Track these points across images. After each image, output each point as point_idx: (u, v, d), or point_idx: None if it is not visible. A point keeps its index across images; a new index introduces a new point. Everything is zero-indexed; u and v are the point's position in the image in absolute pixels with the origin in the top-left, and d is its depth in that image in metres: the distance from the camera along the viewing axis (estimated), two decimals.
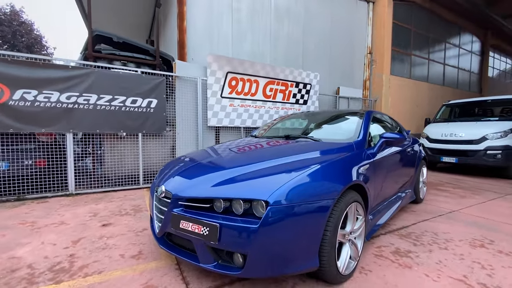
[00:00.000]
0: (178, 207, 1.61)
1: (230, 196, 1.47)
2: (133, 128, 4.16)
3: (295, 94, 6.07)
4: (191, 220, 1.49)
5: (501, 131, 5.92)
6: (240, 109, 5.25)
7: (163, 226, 1.67)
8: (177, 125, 4.63)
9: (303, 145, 2.17)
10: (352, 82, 7.73)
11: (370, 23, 7.94)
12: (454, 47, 10.56)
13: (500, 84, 13.66)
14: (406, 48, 8.71)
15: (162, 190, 1.73)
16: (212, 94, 4.89)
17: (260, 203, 1.41)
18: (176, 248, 1.70)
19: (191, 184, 1.67)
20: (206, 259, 1.51)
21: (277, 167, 1.70)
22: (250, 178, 1.59)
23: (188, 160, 2.11)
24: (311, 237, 1.48)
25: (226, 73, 5.01)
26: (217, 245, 1.41)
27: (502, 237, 2.53)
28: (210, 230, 1.41)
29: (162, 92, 4.36)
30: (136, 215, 3.02)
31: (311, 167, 1.63)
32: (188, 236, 1.52)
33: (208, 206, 1.54)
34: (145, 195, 3.89)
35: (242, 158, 1.94)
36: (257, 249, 1.35)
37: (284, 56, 6.34)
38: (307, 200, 1.47)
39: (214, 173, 1.73)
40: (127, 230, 2.58)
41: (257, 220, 1.37)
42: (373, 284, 1.72)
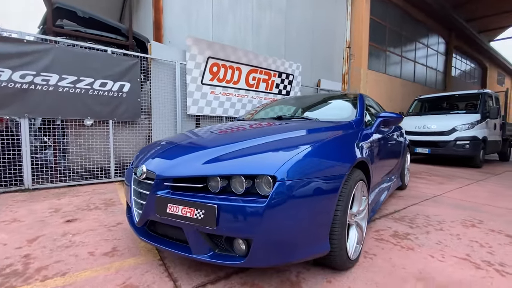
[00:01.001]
0: (163, 189, 1.34)
1: (229, 173, 1.23)
2: (102, 114, 3.70)
3: (278, 84, 5.92)
4: (182, 202, 1.24)
5: (469, 123, 6.31)
6: (222, 97, 4.97)
7: (145, 213, 1.39)
8: (153, 113, 4.24)
9: (300, 124, 1.99)
10: (332, 75, 7.78)
11: (349, 18, 8.05)
12: (424, 46, 11.16)
13: (461, 83, 14.80)
14: (382, 44, 8.99)
15: (143, 171, 1.44)
16: (192, 80, 4.55)
17: (265, 179, 1.20)
18: (161, 239, 1.43)
19: (178, 162, 1.40)
20: (200, 249, 1.26)
21: (278, 142, 1.50)
22: (250, 153, 1.36)
23: (169, 142, 1.82)
24: (322, 217, 1.30)
25: (207, 58, 4.69)
26: (215, 230, 1.17)
27: (489, 217, 2.58)
28: (206, 213, 1.17)
29: (136, 75, 3.94)
30: (107, 209, 2.64)
31: (317, 142, 1.46)
32: (177, 222, 1.27)
33: (201, 186, 1.29)
34: (118, 189, 3.48)
35: (236, 136, 1.70)
36: (263, 232, 1.14)
37: (267, 45, 6.15)
38: (317, 175, 1.29)
39: (205, 150, 1.47)
40: (97, 225, 2.22)
41: (263, 199, 1.16)
42: (380, 268, 1.60)
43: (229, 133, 1.83)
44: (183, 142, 1.69)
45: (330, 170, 1.36)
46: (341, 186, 1.38)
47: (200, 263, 1.61)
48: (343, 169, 1.43)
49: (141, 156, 1.67)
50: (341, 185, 1.38)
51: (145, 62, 4.11)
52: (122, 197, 3.08)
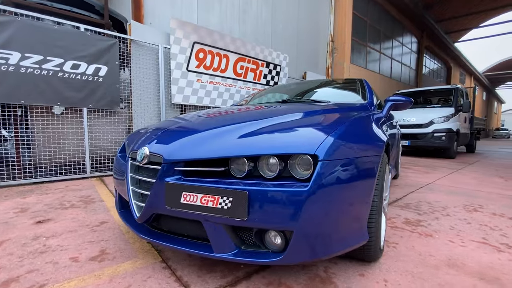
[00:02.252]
0: (173, 174, 1.09)
1: (259, 153, 1.02)
2: (75, 101, 3.24)
3: (266, 75, 5.73)
4: (201, 189, 1.00)
5: (444, 116, 6.65)
6: (208, 86, 4.66)
7: (150, 205, 1.12)
8: (134, 101, 3.83)
9: (315, 105, 1.82)
10: (317, 68, 7.77)
11: (332, 11, 8.06)
12: (399, 44, 11.63)
13: (430, 81, 15.75)
14: (363, 39, 9.17)
15: (145, 154, 1.17)
16: (177, 66, 4.20)
17: (302, 159, 1.01)
18: (169, 237, 1.18)
19: (191, 142, 1.15)
20: (223, 246, 1.04)
21: (304, 120, 1.31)
22: (279, 130, 1.16)
23: (173, 122, 1.55)
24: (363, 202, 1.14)
25: (192, 43, 4.35)
26: (245, 222, 0.96)
27: (486, 202, 2.63)
28: (235, 202, 0.95)
29: (114, 58, 3.51)
30: (87, 207, 2.28)
31: (347, 120, 1.29)
32: (194, 215, 1.03)
33: (223, 170, 1.06)
34: (96, 185, 3.08)
35: (253, 114, 1.48)
36: (306, 222, 0.95)
37: (253, 35, 5.92)
38: (358, 154, 1.12)
39: (223, 128, 1.24)
40: (77, 225, 1.88)
41: (303, 183, 0.96)
42: (408, 257, 1.49)
43: (243, 112, 1.59)
44: (193, 121, 1.44)
45: (368, 149, 1.20)
46: (378, 167, 1.23)
47: (212, 262, 1.38)
48: (379, 149, 1.28)
49: (137, 140, 1.39)
50: (379, 166, 1.23)
51: (124, 43, 3.68)
52: (103, 194, 2.70)
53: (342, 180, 1.02)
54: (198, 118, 1.52)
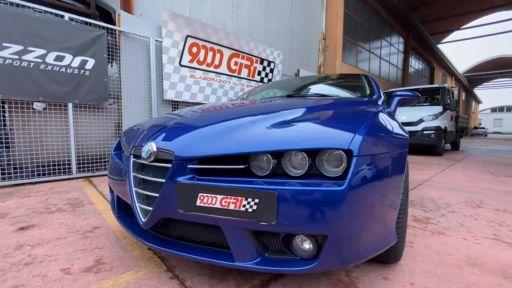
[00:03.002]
0: (186, 173, 0.96)
1: (285, 148, 0.91)
2: (59, 95, 2.99)
3: (260, 71, 5.61)
4: (221, 190, 0.88)
5: (433, 114, 6.80)
6: (202, 82, 4.49)
7: (159, 208, 0.99)
8: (124, 97, 3.61)
9: (327, 99, 1.72)
10: (309, 66, 7.74)
11: (324, 9, 8.05)
12: (388, 44, 11.85)
13: (415, 80, 16.21)
14: (354, 38, 9.25)
15: (152, 150, 1.03)
16: (169, 61, 4.00)
17: (334, 154, 0.91)
18: (182, 244, 1.04)
19: (205, 136, 1.02)
20: (245, 253, 0.92)
21: (326, 113, 1.21)
22: (302, 123, 1.05)
23: (179, 115, 1.41)
24: (393, 201, 1.05)
25: (185, 37, 4.17)
26: (273, 227, 0.85)
27: (485, 198, 2.65)
28: (262, 203, 0.83)
29: (102, 50, 3.28)
30: (75, 211, 2.08)
31: (369, 114, 1.20)
32: (212, 219, 0.90)
33: (243, 168, 0.94)
34: (84, 186, 2.85)
35: (266, 108, 1.36)
36: (341, 225, 0.85)
37: (247, 31, 5.78)
38: (387, 149, 1.04)
39: (239, 120, 1.11)
40: (66, 231, 1.69)
41: (337, 181, 0.86)
42: (427, 256, 1.43)
43: (256, 105, 1.47)
44: (203, 114, 1.30)
45: (396, 144, 1.12)
46: (406, 161, 1.15)
47: (223, 270, 1.25)
48: (405, 143, 1.20)
49: (140, 135, 1.24)
50: (406, 161, 1.15)
51: (112, 34, 3.45)
52: (92, 196, 2.50)
53: (375, 177, 0.93)
54: (207, 111, 1.39)
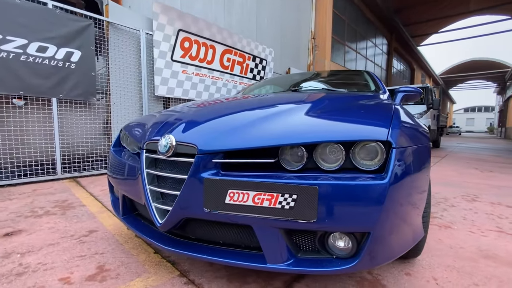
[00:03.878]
0: (209, 169, 0.87)
1: (321, 139, 0.85)
2: (42, 90, 2.76)
3: (252, 68, 5.54)
4: (254, 186, 0.80)
5: (418, 112, 7.05)
6: (194, 78, 4.35)
7: (180, 208, 0.89)
8: (113, 92, 3.41)
9: (340, 93, 1.69)
10: (299, 65, 7.76)
11: (313, 8, 8.11)
12: (373, 45, 12.17)
13: (398, 81, 16.79)
14: (342, 38, 9.39)
15: (171, 144, 0.93)
16: (160, 55, 3.83)
17: (370, 147, 0.86)
18: (205, 247, 0.95)
19: (231, 128, 0.94)
20: (279, 254, 0.85)
21: (348, 105, 1.16)
22: (330, 115, 1.00)
23: (194, 107, 1.31)
24: (422, 193, 1.02)
25: (177, 31, 4.01)
26: (312, 224, 0.78)
27: (479, 192, 2.75)
28: (300, 199, 0.77)
29: (89, 42, 3.07)
30: (66, 213, 1.92)
31: (391, 106, 1.17)
32: (242, 218, 0.83)
33: (272, 162, 0.87)
34: (72, 187, 2.65)
35: (289, 99, 1.29)
36: (384, 221, 0.80)
37: (239, 27, 5.68)
38: (418, 142, 1.01)
39: (265, 111, 1.04)
40: (59, 236, 1.54)
41: (377, 174, 0.82)
42: (441, 251, 1.44)
43: (275, 97, 1.40)
44: (222, 105, 1.22)
45: (423, 137, 1.09)
46: (430, 155, 1.13)
47: (242, 272, 1.18)
48: (428, 136, 1.18)
49: (152, 128, 1.12)
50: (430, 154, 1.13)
51: (100, 26, 3.24)
52: (82, 197, 2.32)
53: (411, 169, 0.90)
54: (225, 103, 1.30)
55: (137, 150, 1.25)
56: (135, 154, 1.26)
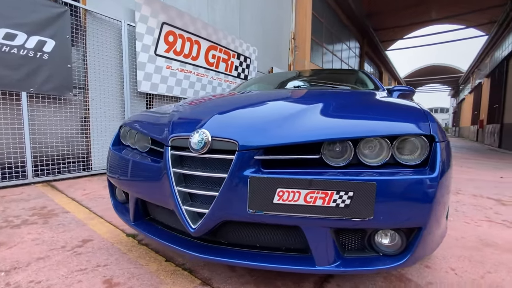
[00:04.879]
0: (251, 166, 0.80)
1: (367, 134, 0.82)
2: (8, 82, 2.42)
3: (237, 66, 5.44)
4: (306, 184, 0.75)
5: None
6: (179, 74, 4.15)
7: (219, 210, 0.81)
8: (91, 87, 3.11)
9: (351, 90, 1.69)
10: (281, 65, 7.80)
11: (294, 9, 8.21)
12: (347, 48, 12.67)
13: None
14: (320, 40, 9.64)
15: (206, 140, 0.84)
16: (144, 49, 3.59)
17: (413, 141, 0.85)
18: (242, 252, 0.88)
19: (272, 122, 0.88)
20: (327, 255, 0.81)
21: (376, 102, 1.16)
22: (367, 109, 0.98)
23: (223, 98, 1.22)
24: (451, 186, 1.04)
25: (161, 24, 3.79)
26: (367, 222, 0.75)
27: (461, 186, 2.96)
28: (357, 197, 0.73)
29: (65, 30, 2.77)
30: (48, 222, 1.69)
31: (412, 102, 1.19)
32: (291, 219, 0.77)
33: (317, 158, 0.83)
34: (47, 192, 2.36)
35: (316, 95, 1.26)
36: (433, 215, 0.80)
37: (223, 24, 5.54)
38: (445, 136, 1.03)
39: (304, 106, 0.99)
40: (47, 249, 1.35)
41: (423, 168, 0.81)
42: (448, 243, 1.51)
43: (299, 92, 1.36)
44: (253, 97, 1.15)
45: (444, 130, 1.12)
46: None
47: (269, 276, 1.11)
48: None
49: (176, 122, 1.01)
50: None
51: (77, 14, 2.93)
52: (63, 203, 2.07)
53: (449, 163, 0.91)
54: (249, 95, 1.23)
55: (148, 147, 1.12)
56: (144, 153, 1.13)
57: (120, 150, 1.28)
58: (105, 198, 2.22)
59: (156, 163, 0.96)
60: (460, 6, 14.87)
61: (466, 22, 17.17)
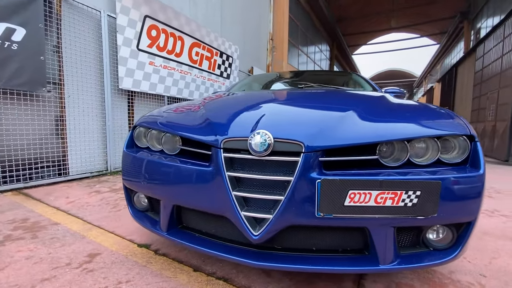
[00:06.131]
0: (315, 168, 0.79)
1: (419, 135, 0.86)
2: None
3: (220, 65, 5.33)
4: (377, 185, 0.75)
5: None
6: (162, 71, 3.93)
7: (286, 214, 0.78)
8: (67, 82, 2.80)
9: (356, 90, 1.75)
10: (260, 65, 7.83)
11: (271, 10, 8.29)
12: (319, 50, 13.17)
13: None
14: (296, 41, 9.87)
15: (269, 141, 0.80)
16: (125, 43, 3.33)
17: (454, 141, 0.91)
18: (301, 257, 0.85)
19: (334, 122, 0.87)
20: (389, 254, 0.82)
21: (404, 103, 1.21)
22: (407, 111, 1.02)
23: (267, 96, 1.17)
24: None
25: (144, 17, 3.55)
26: (430, 220, 0.79)
27: None
28: (424, 195, 0.76)
29: (37, 18, 2.45)
30: (38, 236, 1.48)
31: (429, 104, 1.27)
32: (360, 220, 0.77)
33: (373, 159, 0.85)
34: (23, 202, 2.06)
35: (350, 96, 1.27)
36: (479, 210, 0.86)
37: (205, 19, 5.37)
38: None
39: (356, 107, 1.00)
40: (49, 267, 1.18)
41: (465, 166, 0.87)
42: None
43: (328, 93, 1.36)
44: (303, 96, 1.13)
45: None
46: None
47: (308, 278, 1.10)
48: None
49: (225, 122, 0.94)
50: None
51: (49, 3, 2.61)
52: (48, 213, 1.83)
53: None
54: (303, 94, 1.20)
55: (179, 149, 1.04)
56: (173, 155, 1.04)
57: (134, 152, 1.16)
58: (95, 206, 2.01)
59: (202, 166, 0.88)
60: (415, 17, 16.40)
61: (420, 32, 18.99)
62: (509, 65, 7.22)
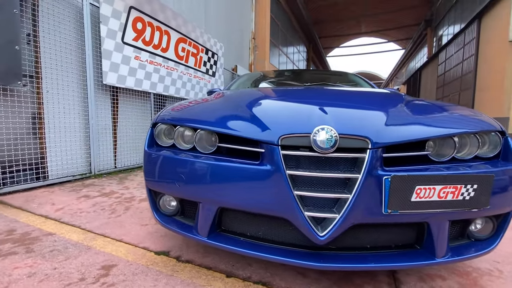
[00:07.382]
0: (380, 164, 0.78)
1: (463, 131, 0.90)
2: None
3: (205, 62, 5.18)
4: (441, 179, 0.76)
5: None
6: (149, 66, 3.71)
7: (354, 212, 0.75)
8: (45, 76, 2.51)
9: (369, 89, 1.79)
10: (243, 63, 7.77)
11: (253, 9, 8.26)
12: (298, 51, 13.44)
13: None
14: (277, 41, 9.96)
15: (335, 137, 0.77)
16: (109, 35, 3.08)
17: (486, 136, 0.96)
18: (357, 256, 0.84)
19: (396, 118, 0.89)
20: (444, 247, 0.84)
21: (418, 99, 1.26)
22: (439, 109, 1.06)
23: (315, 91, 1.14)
24: None
25: (129, 8, 3.31)
26: (482, 212, 0.82)
27: None
28: (479, 189, 0.79)
29: (10, 3, 2.16)
30: (35, 250, 1.30)
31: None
32: (423, 215, 0.78)
33: (425, 154, 0.86)
34: (3, 209, 1.80)
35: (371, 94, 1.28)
36: None
37: (190, 13, 5.18)
38: None
39: (397, 103, 1.01)
40: (62, 285, 1.04)
41: (497, 160, 0.93)
42: None
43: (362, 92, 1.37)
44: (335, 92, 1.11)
45: None
46: None
47: (346, 277, 1.10)
48: None
49: (279, 118, 0.89)
50: None
51: None
52: (38, 222, 1.62)
53: None
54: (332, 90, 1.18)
55: (215, 147, 0.96)
56: (209, 155, 0.97)
57: (159, 150, 1.07)
58: (90, 213, 1.83)
59: (253, 165, 0.83)
60: (384, 23, 17.49)
61: (388, 37, 20.28)
62: (469, 70, 8.00)
